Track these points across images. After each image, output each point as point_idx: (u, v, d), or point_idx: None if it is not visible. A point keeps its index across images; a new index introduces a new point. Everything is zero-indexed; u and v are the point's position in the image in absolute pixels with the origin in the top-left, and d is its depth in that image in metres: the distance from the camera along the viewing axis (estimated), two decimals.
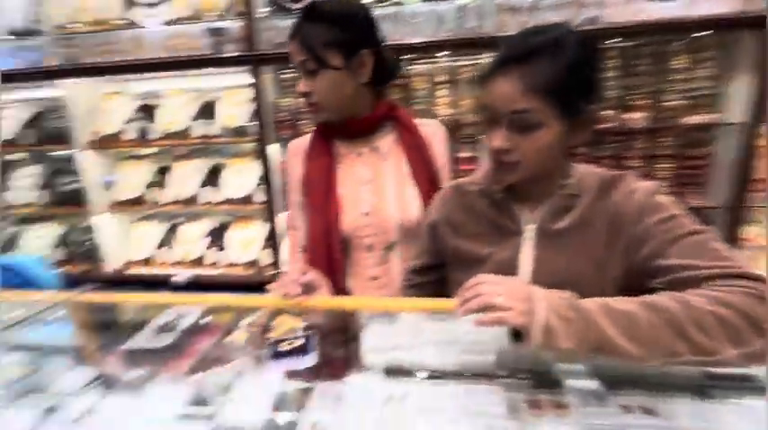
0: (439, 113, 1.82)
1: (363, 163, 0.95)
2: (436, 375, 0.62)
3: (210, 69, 1.88)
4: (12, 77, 1.98)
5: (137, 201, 2.12)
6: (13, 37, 2.00)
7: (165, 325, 0.89)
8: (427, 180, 0.92)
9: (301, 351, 0.62)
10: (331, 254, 0.92)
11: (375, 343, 0.72)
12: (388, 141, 0.94)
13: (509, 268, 0.67)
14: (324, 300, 0.78)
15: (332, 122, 0.92)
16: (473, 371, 0.62)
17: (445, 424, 0.54)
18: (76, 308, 0.97)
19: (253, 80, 1.77)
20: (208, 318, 0.91)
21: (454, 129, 1.82)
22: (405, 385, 0.62)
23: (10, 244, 2.30)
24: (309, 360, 0.62)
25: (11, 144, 2.14)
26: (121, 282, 2.12)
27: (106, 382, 0.74)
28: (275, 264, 1.93)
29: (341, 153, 0.95)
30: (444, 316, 0.74)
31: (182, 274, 2.05)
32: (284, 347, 0.61)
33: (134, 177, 2.17)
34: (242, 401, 0.65)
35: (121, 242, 2.24)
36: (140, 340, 0.84)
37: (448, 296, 0.73)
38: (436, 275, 0.81)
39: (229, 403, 0.65)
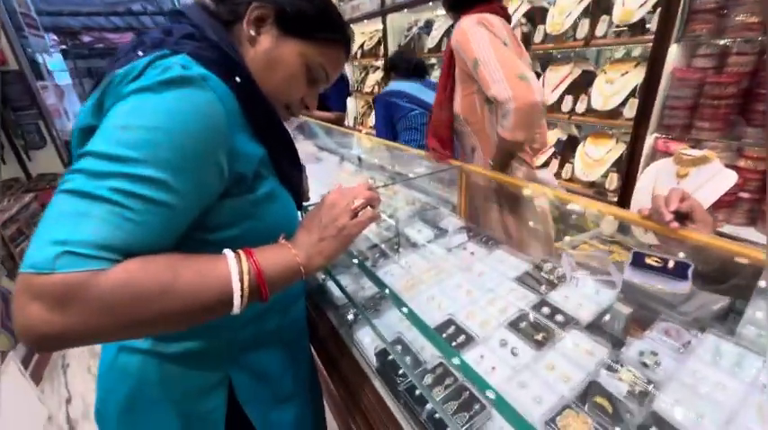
0: None
1: None
2: None
3: None
4: None
5: None
6: None
7: None
8: (441, 86, 1.31)
9: (668, 271, 0.56)
10: None
11: (764, 316, 0.55)
12: None
13: None
14: (704, 236, 0.62)
15: None
16: None
17: None
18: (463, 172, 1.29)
19: None
20: None
21: None
22: None
23: None
24: (675, 286, 0.55)
25: None
26: None
27: (470, 234, 0.99)
28: (623, 192, 1.69)
29: None
30: None
31: None
32: (649, 261, 0.58)
33: None
34: (576, 291, 0.69)
35: None
36: None
37: None
38: None
39: (562, 287, 0.72)
